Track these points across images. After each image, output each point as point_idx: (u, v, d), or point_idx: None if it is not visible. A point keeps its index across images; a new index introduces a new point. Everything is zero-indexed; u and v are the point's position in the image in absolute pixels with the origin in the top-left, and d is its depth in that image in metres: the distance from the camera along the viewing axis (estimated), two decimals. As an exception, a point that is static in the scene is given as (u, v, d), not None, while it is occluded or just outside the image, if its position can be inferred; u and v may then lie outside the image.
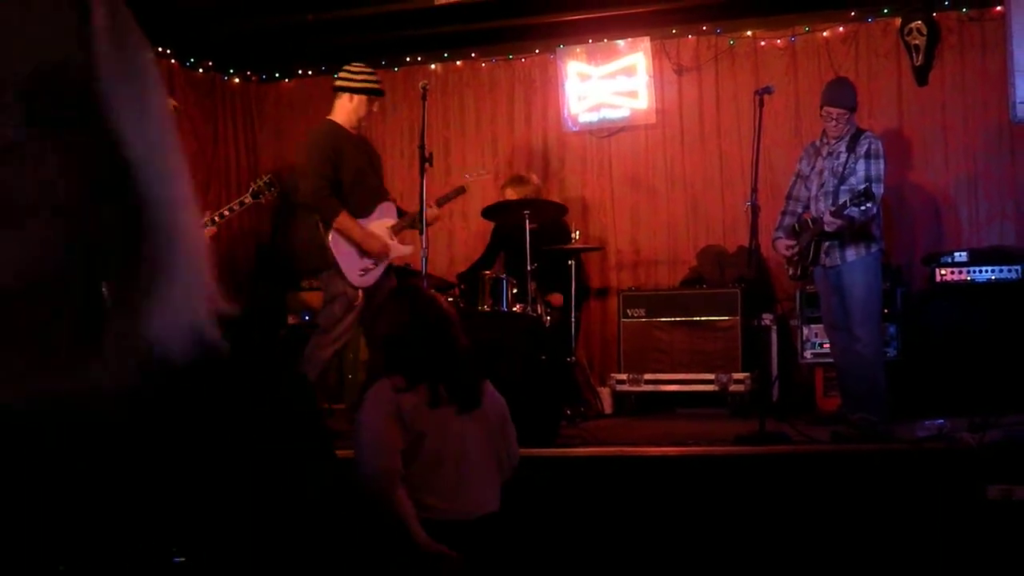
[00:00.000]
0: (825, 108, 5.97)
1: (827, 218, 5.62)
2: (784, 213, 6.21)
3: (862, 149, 5.81)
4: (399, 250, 6.17)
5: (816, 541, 4.38)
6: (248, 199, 6.43)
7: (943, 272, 6.60)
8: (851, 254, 5.78)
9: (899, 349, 6.56)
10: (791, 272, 6.17)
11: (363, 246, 5.98)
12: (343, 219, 5.93)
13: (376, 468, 3.42)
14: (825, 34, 7.73)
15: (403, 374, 3.56)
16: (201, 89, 8.56)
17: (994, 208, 7.33)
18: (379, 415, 3.50)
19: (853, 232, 5.72)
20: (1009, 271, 6.49)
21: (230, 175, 8.87)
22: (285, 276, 8.66)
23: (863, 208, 5.51)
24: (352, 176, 5.99)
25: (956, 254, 6.63)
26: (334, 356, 6.10)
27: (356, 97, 6.08)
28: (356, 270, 5.98)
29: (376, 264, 6.03)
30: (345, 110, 6.10)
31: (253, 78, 9.10)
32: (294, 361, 6.01)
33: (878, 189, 5.70)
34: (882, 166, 5.80)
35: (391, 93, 8.76)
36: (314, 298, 8.08)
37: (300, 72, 9.00)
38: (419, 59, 8.64)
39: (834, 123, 5.93)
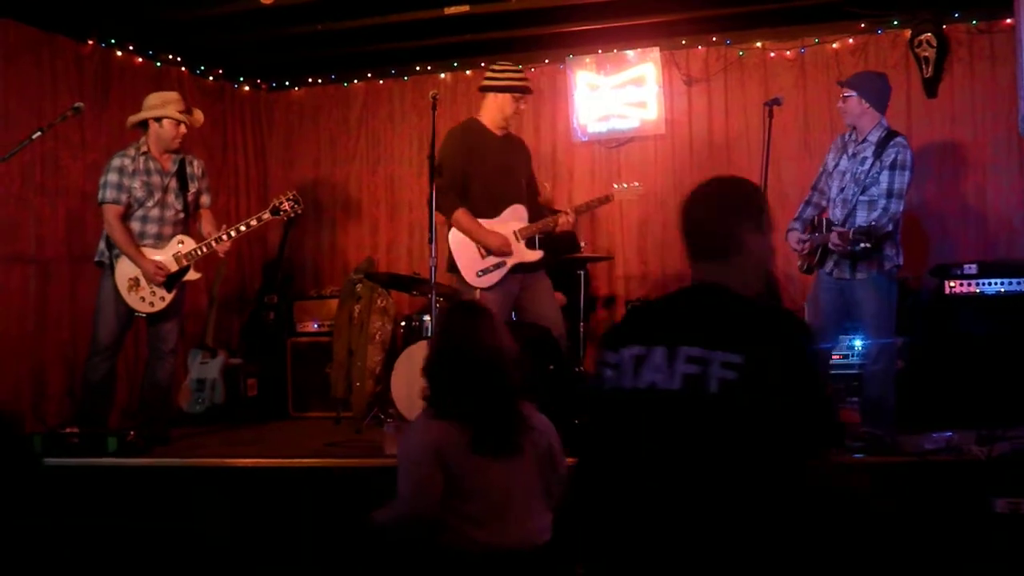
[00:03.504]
0: (843, 90, 5.79)
1: (833, 238, 5.40)
2: (807, 203, 5.87)
3: (889, 158, 5.51)
4: (524, 254, 6.00)
5: (821, 553, 4.36)
6: (267, 215, 6.37)
7: (952, 284, 6.58)
8: (861, 272, 5.54)
9: (907, 361, 6.53)
10: (801, 265, 5.99)
11: (482, 242, 5.88)
12: (459, 215, 5.84)
13: (415, 512, 3.33)
14: (835, 46, 7.73)
15: (436, 406, 3.43)
16: (211, 97, 8.58)
17: (1004, 220, 7.31)
18: (418, 455, 3.36)
19: (848, 253, 5.50)
20: (1019, 284, 6.46)
21: (239, 183, 8.89)
22: (293, 285, 8.68)
23: (860, 247, 5.29)
24: (480, 176, 5.90)
25: (965, 266, 6.60)
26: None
27: (500, 96, 6.01)
28: (474, 270, 5.91)
29: (497, 267, 5.92)
30: (489, 109, 6.04)
31: (263, 86, 9.13)
32: None
33: (897, 205, 5.45)
34: (906, 178, 5.50)
35: (400, 102, 8.81)
36: (320, 307, 8.10)
37: (310, 81, 9.03)
38: (428, 68, 8.66)
39: (842, 105, 5.75)
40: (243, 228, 6.31)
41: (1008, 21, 7.11)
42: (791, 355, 2.43)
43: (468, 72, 8.59)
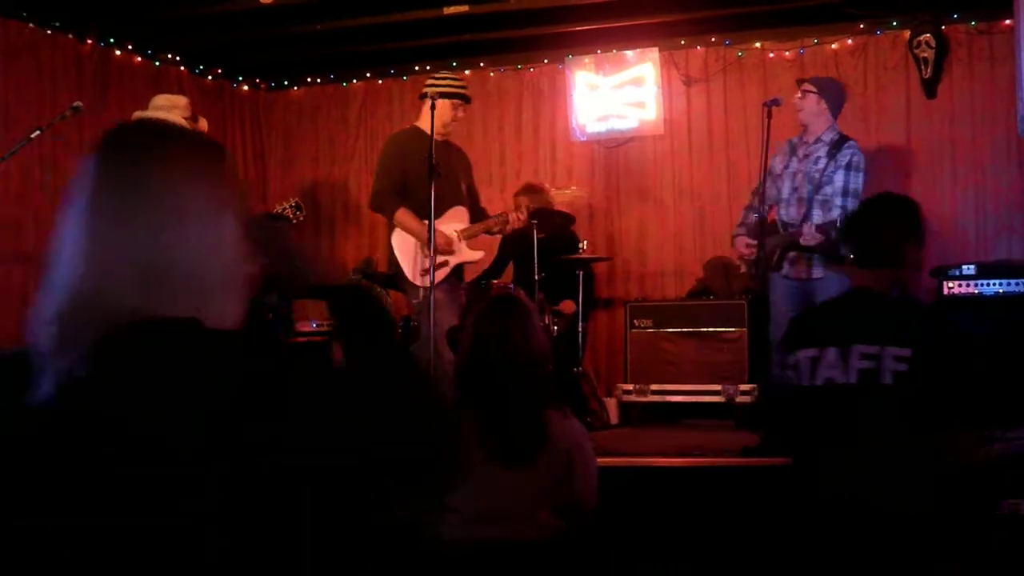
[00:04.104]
0: (803, 86, 5.86)
1: (807, 231, 5.43)
2: (749, 209, 6.09)
3: (844, 159, 5.66)
4: (467, 254, 6.10)
5: (822, 554, 4.37)
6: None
7: (951, 285, 6.57)
8: (818, 270, 5.64)
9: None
10: (748, 270, 6.08)
11: (423, 238, 5.93)
12: (401, 215, 5.94)
13: None
14: (834, 46, 7.73)
15: (459, 395, 3.32)
16: (210, 96, 8.58)
17: (1002, 221, 7.32)
18: None
19: (823, 247, 5.59)
20: (1017, 284, 6.46)
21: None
22: (292, 283, 8.66)
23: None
24: (421, 180, 5.93)
25: (964, 267, 6.60)
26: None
27: (438, 102, 6.09)
28: (416, 270, 5.96)
29: (439, 265, 5.94)
30: (428, 115, 6.13)
31: (262, 86, 9.12)
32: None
33: (854, 204, 5.56)
34: (861, 180, 5.66)
35: (400, 102, 8.80)
36: (319, 306, 8.08)
37: (309, 80, 9.02)
38: (428, 68, 8.64)
39: (799, 101, 5.81)
40: None
41: (1007, 22, 7.12)
42: (952, 347, 2.95)
43: (467, 72, 8.58)
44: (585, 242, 7.24)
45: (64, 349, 1.32)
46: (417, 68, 8.68)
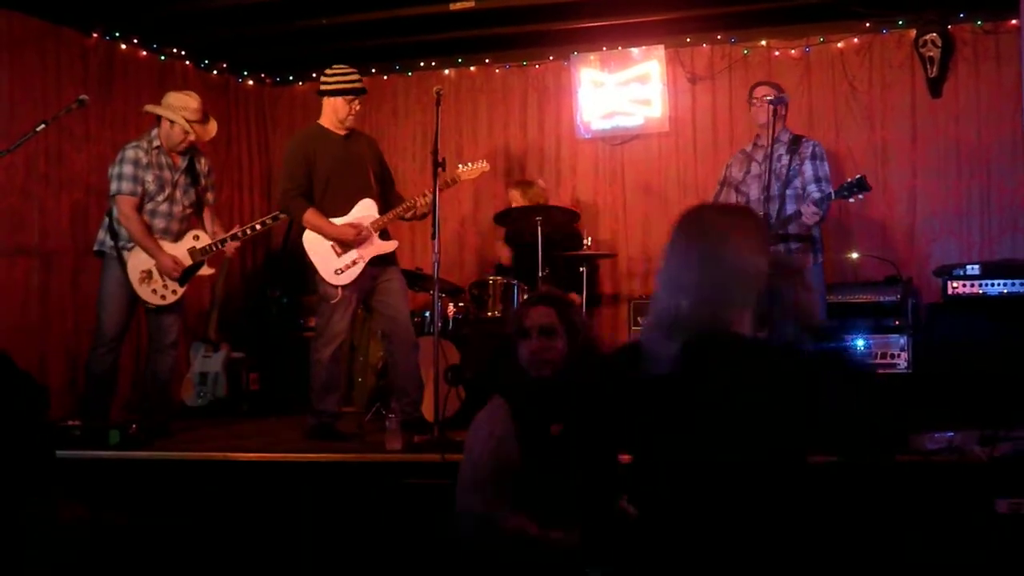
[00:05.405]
0: (766, 89, 5.94)
1: (806, 211, 5.54)
2: None
3: (807, 151, 5.81)
4: (380, 246, 6.03)
5: (823, 552, 4.36)
6: (282, 215, 6.36)
7: (955, 285, 6.56)
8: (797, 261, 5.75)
9: (910, 361, 6.53)
10: None
11: (336, 237, 5.91)
12: (309, 215, 5.91)
13: (468, 507, 3.31)
14: (839, 45, 7.72)
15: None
16: (215, 91, 8.58)
17: (1007, 221, 7.30)
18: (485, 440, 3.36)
19: (802, 240, 5.73)
20: (1021, 284, 6.45)
21: (243, 177, 8.89)
22: (298, 280, 8.67)
23: (855, 198, 5.54)
24: (325, 178, 5.95)
25: (968, 267, 6.59)
26: (334, 358, 6.01)
27: (333, 99, 6.08)
28: (331, 269, 5.94)
29: (354, 262, 5.95)
30: (326, 113, 6.12)
31: (267, 81, 9.12)
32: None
33: (828, 188, 5.72)
34: (827, 167, 5.83)
35: (404, 98, 8.80)
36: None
37: (314, 76, 8.98)
38: (433, 64, 8.65)
39: (756, 103, 5.89)
40: (258, 227, 6.36)
41: (1013, 22, 7.12)
42: None
43: (472, 68, 8.59)
44: (589, 238, 7.23)
45: (666, 345, 2.40)
46: (423, 64, 8.68)
